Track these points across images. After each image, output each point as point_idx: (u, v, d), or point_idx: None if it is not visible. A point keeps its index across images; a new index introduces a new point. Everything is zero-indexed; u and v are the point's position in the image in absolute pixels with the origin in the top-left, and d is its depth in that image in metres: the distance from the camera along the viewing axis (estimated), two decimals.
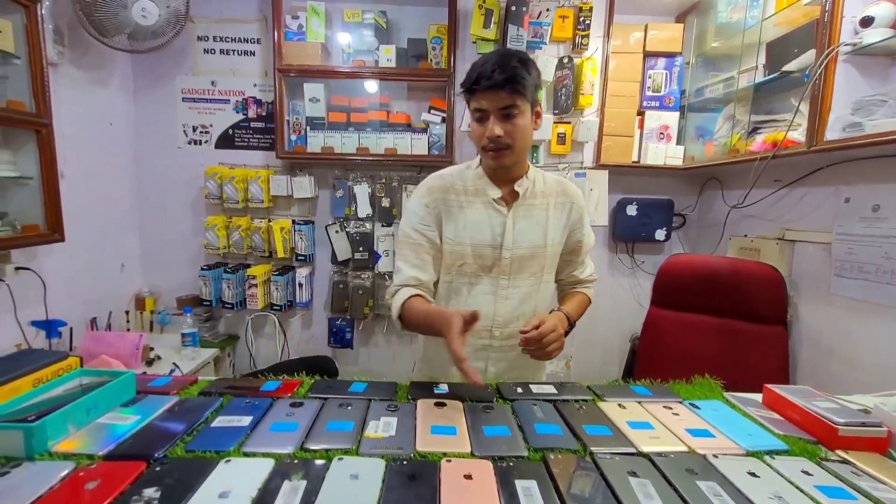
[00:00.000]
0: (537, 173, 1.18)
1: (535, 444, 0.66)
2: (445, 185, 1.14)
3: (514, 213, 1.12)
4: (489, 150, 1.04)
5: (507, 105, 1.01)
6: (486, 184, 1.13)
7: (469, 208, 1.12)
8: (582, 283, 1.27)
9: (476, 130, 1.05)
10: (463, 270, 1.13)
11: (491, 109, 1.01)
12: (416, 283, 1.10)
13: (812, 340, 1.58)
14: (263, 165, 2.29)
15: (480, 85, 0.99)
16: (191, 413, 0.74)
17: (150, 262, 2.35)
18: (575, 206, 1.18)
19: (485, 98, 1.00)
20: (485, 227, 1.11)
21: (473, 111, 1.04)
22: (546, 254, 1.14)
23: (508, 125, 1.02)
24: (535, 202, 1.14)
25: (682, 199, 2.37)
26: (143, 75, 2.25)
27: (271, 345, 2.39)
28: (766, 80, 1.66)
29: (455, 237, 1.12)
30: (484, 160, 1.10)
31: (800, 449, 0.68)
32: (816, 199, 1.58)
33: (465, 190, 1.14)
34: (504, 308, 1.12)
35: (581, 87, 2.14)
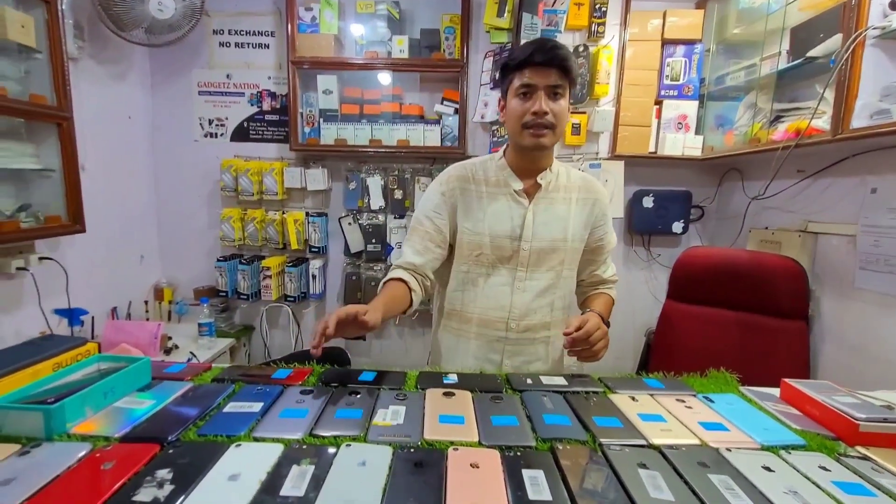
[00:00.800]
0: (561, 167, 1.16)
1: (543, 435, 0.66)
2: (466, 174, 1.14)
3: (535, 206, 1.10)
4: (531, 126, 1.02)
5: (557, 84, 1.00)
6: (508, 175, 1.11)
7: (489, 199, 1.12)
8: (605, 284, 1.24)
9: (517, 108, 1.03)
10: (480, 261, 1.12)
11: (541, 85, 1.00)
12: (411, 268, 1.09)
13: (834, 335, 1.54)
14: (278, 158, 2.31)
15: (536, 58, 0.98)
16: (204, 399, 0.75)
17: (169, 253, 2.40)
18: (598, 203, 1.16)
19: (536, 74, 0.99)
20: (505, 218, 1.10)
21: (518, 87, 1.02)
22: (566, 248, 1.12)
23: (555, 105, 1.01)
24: (558, 196, 1.13)
25: (701, 191, 2.32)
26: (161, 69, 2.28)
27: (286, 335, 2.43)
28: (790, 66, 1.60)
29: (473, 227, 1.11)
30: (521, 141, 1.06)
31: (817, 444, 0.66)
32: (841, 189, 1.53)
33: (486, 180, 1.13)
34: (521, 300, 1.11)
35: (597, 76, 2.10)
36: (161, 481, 0.53)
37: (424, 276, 1.11)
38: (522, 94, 1.02)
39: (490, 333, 1.13)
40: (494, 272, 1.12)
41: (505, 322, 1.12)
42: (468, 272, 1.13)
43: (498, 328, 1.12)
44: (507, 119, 1.08)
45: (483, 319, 1.13)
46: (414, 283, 1.08)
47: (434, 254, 1.12)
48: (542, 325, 1.14)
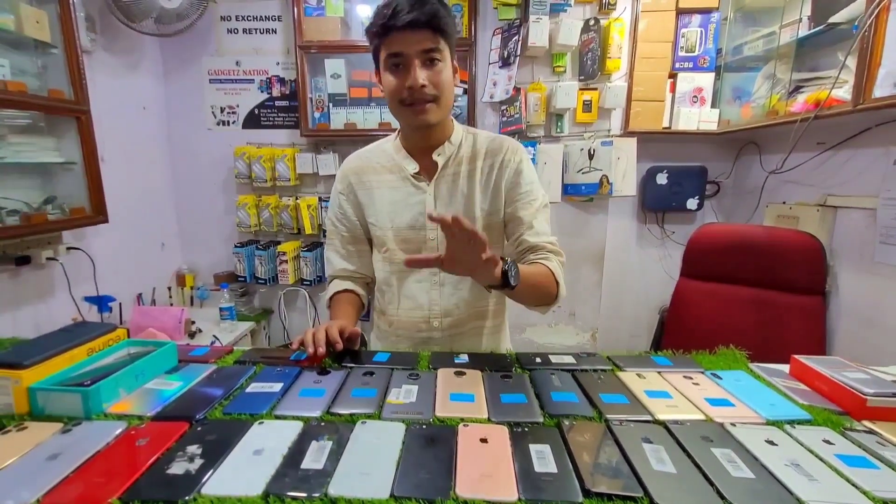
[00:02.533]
0: (467, 135, 1.02)
1: (550, 411, 0.68)
2: (361, 165, 1.03)
3: (435, 187, 0.98)
4: (410, 103, 0.89)
5: (431, 48, 0.86)
6: (402, 158, 0.99)
7: (385, 188, 1.00)
8: (536, 251, 0.96)
9: (392, 83, 0.88)
10: (389, 258, 1.02)
11: (412, 53, 0.85)
12: (347, 275, 1.05)
13: (852, 311, 1.52)
14: (289, 144, 2.34)
15: (398, 20, 0.82)
16: (228, 380, 0.79)
17: (188, 240, 2.47)
18: (506, 160, 0.98)
19: (403, 40, 0.84)
20: (404, 207, 0.98)
21: (387, 58, 0.87)
22: (479, 227, 0.95)
23: (433, 73, 0.87)
24: (462, 169, 0.99)
25: (717, 166, 2.27)
26: (172, 59, 2.30)
27: (303, 318, 2.49)
28: (811, 33, 1.55)
29: (376, 221, 1.01)
30: (403, 120, 0.94)
31: (823, 419, 0.67)
32: (862, 161, 1.49)
33: (381, 167, 1.01)
34: (440, 296, 1.01)
35: (608, 50, 2.05)
36: (192, 456, 0.57)
37: (363, 276, 1.07)
38: (393, 67, 0.87)
39: (415, 336, 1.04)
40: (406, 269, 1.00)
41: (427, 321, 1.02)
42: (381, 271, 1.05)
43: (420, 329, 1.03)
44: (386, 96, 0.92)
45: (404, 321, 1.04)
46: (359, 290, 1.06)
47: (360, 254, 1.07)
48: (470, 316, 1.03)
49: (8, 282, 1.53)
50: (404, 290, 1.03)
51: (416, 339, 1.04)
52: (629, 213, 2.35)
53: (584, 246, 2.33)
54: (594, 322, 2.41)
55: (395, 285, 1.03)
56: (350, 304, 1.04)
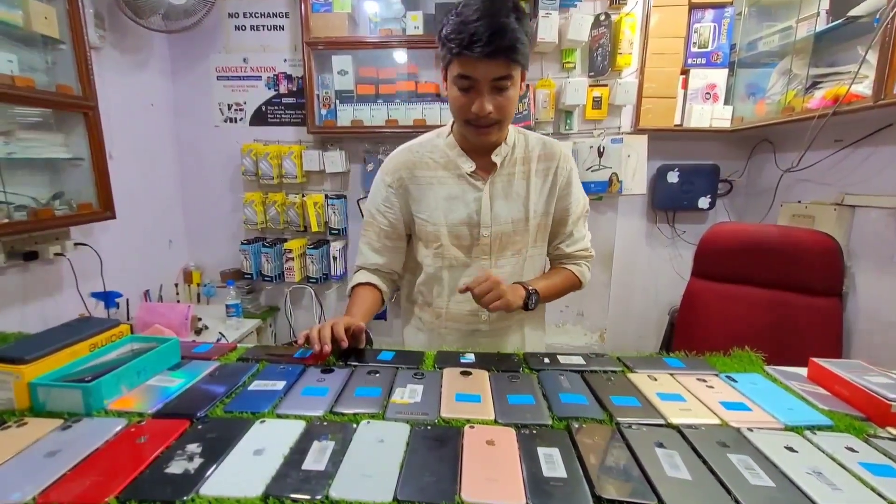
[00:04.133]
0: (519, 136, 1.04)
1: (559, 413, 0.66)
2: (413, 160, 1.03)
3: (491, 187, 1.00)
4: (474, 125, 0.91)
5: (502, 76, 0.86)
6: (458, 155, 1.00)
7: (440, 185, 1.01)
8: (570, 259, 1.10)
9: (458, 100, 0.89)
10: (441, 253, 1.03)
11: (483, 80, 0.85)
12: (374, 269, 1.05)
13: (870, 313, 1.48)
14: (296, 141, 2.33)
15: (473, 52, 0.82)
16: (230, 377, 0.78)
17: (195, 237, 2.47)
18: (560, 169, 1.04)
19: (476, 67, 0.84)
20: (459, 204, 1.00)
21: (458, 77, 0.87)
22: (531, 227, 1.03)
23: (500, 99, 0.88)
24: (515, 170, 1.02)
25: (729, 164, 2.23)
26: (180, 56, 2.31)
27: (309, 316, 2.49)
28: (829, 27, 1.50)
29: (429, 218, 1.02)
30: (463, 132, 0.97)
31: (845, 425, 0.64)
32: (883, 159, 1.44)
33: (435, 163, 1.01)
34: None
35: (619, 46, 2.02)
36: (191, 455, 0.56)
37: (391, 272, 1.07)
38: (463, 88, 0.88)
39: (463, 328, 1.06)
40: (458, 264, 1.03)
41: (476, 315, 1.05)
42: (431, 266, 1.05)
43: (470, 322, 1.06)
44: (450, 104, 0.94)
45: (454, 314, 1.06)
46: (383, 286, 1.06)
47: (394, 250, 1.07)
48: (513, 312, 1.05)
49: (16, 277, 1.54)
50: (454, 284, 1.04)
51: (463, 331, 1.07)
52: (639, 212, 2.32)
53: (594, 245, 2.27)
54: (602, 322, 2.37)
55: (446, 279, 1.05)
56: (369, 299, 1.04)
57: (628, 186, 2.10)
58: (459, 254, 1.03)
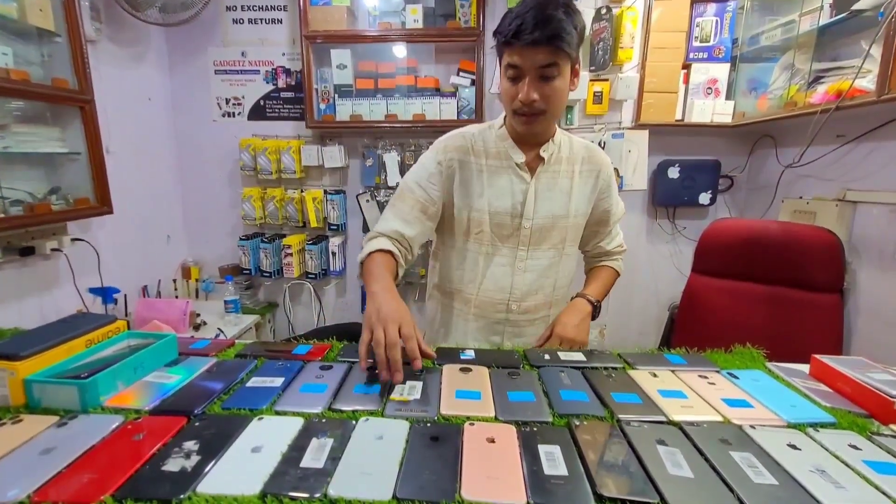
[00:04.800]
0: (564, 137, 1.08)
1: (560, 410, 0.65)
2: (466, 145, 1.05)
3: (537, 181, 1.04)
4: (521, 114, 0.95)
5: (547, 64, 0.89)
6: (509, 147, 1.04)
7: (489, 173, 1.04)
8: (609, 256, 1.20)
9: (508, 90, 0.95)
10: (479, 239, 1.05)
11: (527, 69, 0.90)
12: (398, 237, 0.99)
13: (871, 310, 1.47)
14: (294, 136, 2.31)
15: (520, 40, 0.86)
16: (228, 374, 0.77)
17: (193, 232, 2.46)
18: (602, 173, 1.10)
19: (522, 55, 0.89)
20: (506, 193, 1.03)
21: (506, 67, 0.92)
22: (569, 225, 1.07)
23: (546, 88, 0.91)
24: (560, 168, 1.05)
25: (730, 160, 2.22)
26: (177, 50, 2.29)
27: (308, 312, 2.48)
28: (833, 21, 1.49)
29: (474, 204, 1.04)
30: (512, 123, 1.01)
31: (848, 422, 0.64)
32: (885, 154, 1.43)
33: (486, 152, 1.05)
34: (522, 281, 1.06)
35: (620, 40, 2.00)
36: (188, 452, 0.55)
37: (409, 249, 1.01)
38: (511, 77, 0.93)
39: (491, 315, 1.09)
40: (494, 252, 1.06)
41: (506, 304, 1.07)
42: (467, 251, 1.07)
43: (499, 310, 1.08)
44: (502, 97, 1.00)
45: (483, 301, 1.09)
46: (400, 258, 0.97)
47: (425, 226, 1.03)
48: (543, 304, 1.11)
49: (12, 272, 1.53)
50: (488, 271, 1.07)
51: (491, 319, 1.09)
52: (639, 208, 2.31)
53: None
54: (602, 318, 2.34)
55: (481, 266, 1.07)
56: (391, 270, 0.94)
57: (629, 182, 2.09)
58: (498, 242, 1.05)
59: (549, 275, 1.08)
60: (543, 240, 1.06)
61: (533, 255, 1.06)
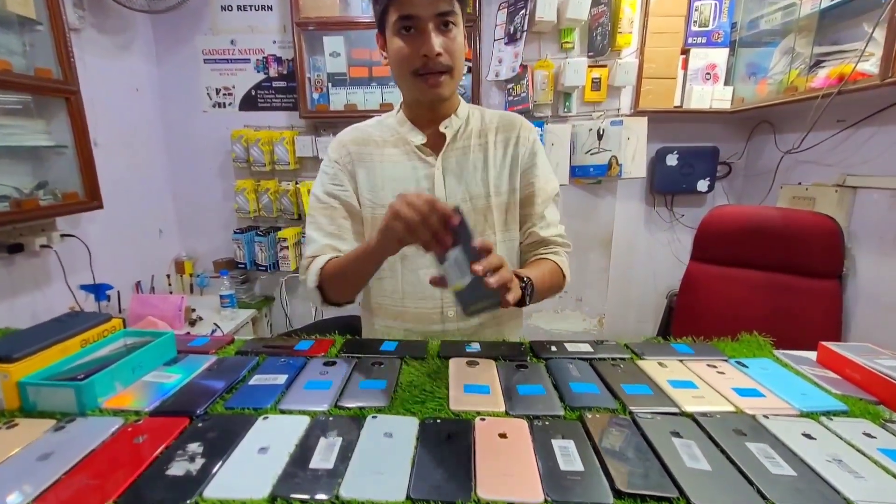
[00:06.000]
0: (473, 110, 0.96)
1: (571, 403, 0.64)
2: (361, 136, 0.95)
3: (443, 161, 0.91)
4: (424, 73, 0.82)
5: (447, 10, 0.78)
6: (408, 130, 0.92)
7: (388, 162, 0.92)
8: (546, 245, 0.96)
9: (403, 50, 0.81)
10: None
11: (426, 16, 0.78)
12: (335, 254, 0.92)
13: (870, 295, 1.48)
14: (287, 126, 2.27)
15: None
16: (229, 372, 0.75)
17: (186, 226, 2.42)
18: (522, 138, 0.94)
19: (418, 3, 0.77)
20: (408, 182, 0.91)
21: (398, 21, 0.79)
22: (492, 205, 0.92)
23: (448, 39, 0.80)
24: (472, 143, 0.93)
25: (729, 147, 2.21)
26: (164, 38, 2.22)
27: (305, 306, 2.46)
28: (834, 4, 1.47)
29: (375, 198, 0.92)
30: (413, 92, 0.87)
31: (860, 410, 0.63)
32: (886, 139, 1.43)
33: (383, 140, 0.94)
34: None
35: (619, 25, 1.97)
36: (192, 455, 0.54)
37: None
38: (404, 31, 0.80)
39: (425, 329, 0.94)
40: (413, 252, 0.90)
41: (440, 312, 0.93)
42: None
43: (433, 321, 0.94)
44: (392, 65, 0.85)
45: (412, 314, 0.95)
46: None
47: (351, 232, 0.94)
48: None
49: (1, 271, 1.49)
50: (411, 275, 0.94)
51: (429, 333, 0.95)
52: (638, 196, 2.30)
53: (592, 230, 2.27)
54: (601, 307, 2.37)
55: (399, 272, 0.94)
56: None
57: (628, 170, 2.08)
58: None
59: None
60: None
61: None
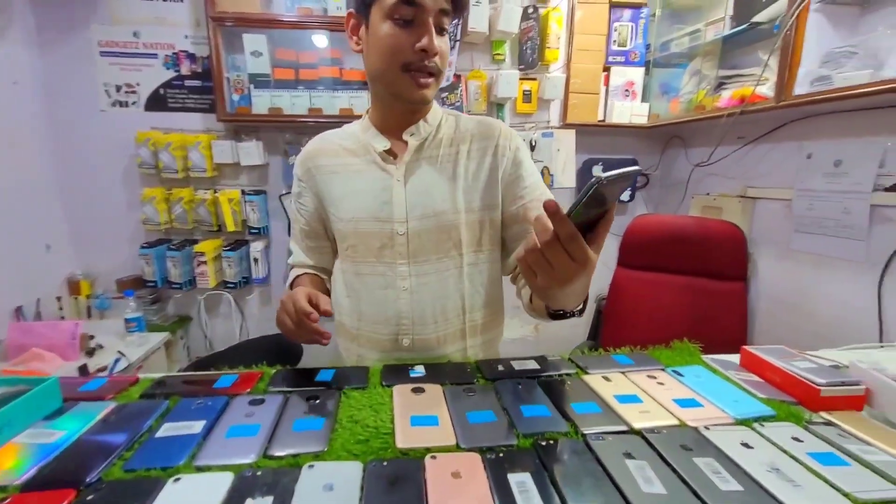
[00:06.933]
0: (447, 116, 0.89)
1: (523, 430, 0.62)
2: (320, 147, 0.91)
3: (406, 171, 0.83)
4: (418, 69, 0.75)
5: (447, 10, 0.74)
6: (372, 136, 0.85)
7: (347, 172, 0.86)
8: None
9: (397, 38, 0.73)
10: (352, 255, 0.86)
11: (431, 8, 0.72)
12: (307, 267, 0.97)
13: (771, 295, 1.64)
14: (203, 130, 2.07)
15: None
16: (131, 421, 0.64)
17: (82, 241, 2.11)
18: (500, 147, 0.85)
19: None
20: (367, 194, 0.83)
21: (397, 5, 0.71)
22: (460, 223, 0.83)
23: (442, 44, 0.75)
24: (441, 153, 0.84)
25: (646, 159, 2.37)
26: (50, 26, 1.93)
27: (228, 324, 2.25)
28: (734, 32, 1.62)
29: (336, 212, 0.87)
30: (396, 88, 0.78)
31: (785, 413, 0.68)
32: (779, 155, 1.60)
33: (344, 150, 0.88)
34: (410, 307, 0.83)
35: (547, 40, 2.04)
36: None
37: (324, 268, 0.98)
38: (404, 21, 0.72)
39: (381, 356, 0.86)
40: (370, 270, 0.84)
41: (395, 338, 0.84)
42: (343, 272, 0.89)
43: (385, 347, 0.85)
44: (374, 53, 0.76)
45: (368, 336, 0.87)
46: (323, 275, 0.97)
47: (318, 251, 0.96)
48: (452, 335, 0.87)
49: None
50: (367, 296, 0.86)
51: (382, 361, 0.85)
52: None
53: None
54: None
55: (357, 289, 0.87)
56: (313, 284, 0.94)
57: (559, 180, 2.15)
58: (371, 257, 0.84)
59: (450, 294, 0.84)
60: (429, 248, 0.82)
61: (418, 269, 0.83)
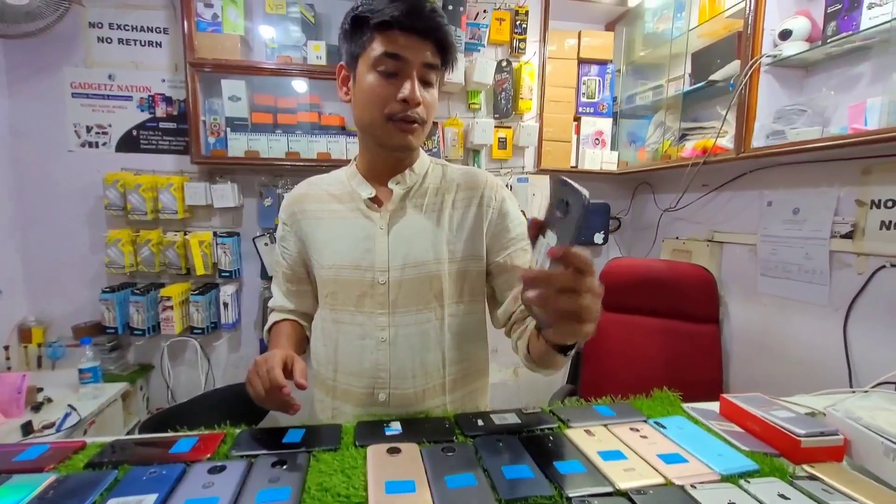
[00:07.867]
0: (434, 165, 0.90)
1: (505, 496, 0.58)
2: (306, 192, 0.91)
3: (390, 220, 0.83)
4: (401, 119, 0.75)
5: (433, 64, 0.75)
6: (357, 183, 0.85)
7: (331, 219, 0.86)
8: None
9: (380, 88, 0.74)
10: (332, 304, 0.85)
11: (415, 62, 0.73)
12: (287, 312, 0.97)
13: (742, 337, 1.67)
14: (176, 171, 2.03)
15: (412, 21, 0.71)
16: (73, 496, 0.57)
17: (37, 285, 2.00)
18: (486, 198, 0.85)
19: (408, 43, 0.72)
20: (349, 241, 0.83)
21: (381, 58, 0.72)
22: (443, 273, 0.82)
23: (427, 95, 0.76)
24: (426, 202, 0.85)
25: (618, 203, 2.45)
26: (20, 66, 1.91)
27: (193, 373, 2.13)
28: (693, 88, 1.74)
29: (319, 259, 0.86)
30: (380, 137, 0.79)
31: (769, 467, 0.66)
32: (742, 202, 1.68)
33: (330, 196, 0.88)
34: (388, 360, 0.81)
35: (520, 91, 2.13)
36: None
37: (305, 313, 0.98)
38: (388, 72, 0.73)
39: (356, 412, 0.84)
40: (350, 320, 0.83)
41: (371, 392, 0.82)
42: (322, 320, 0.89)
43: (362, 402, 0.83)
44: (361, 103, 0.77)
45: (343, 389, 0.85)
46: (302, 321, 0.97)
47: (299, 295, 0.96)
48: (431, 390, 0.85)
49: None
50: (346, 346, 0.84)
51: (357, 416, 0.83)
52: None
53: None
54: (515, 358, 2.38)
55: (334, 338, 0.85)
56: (290, 335, 0.92)
57: None
58: (351, 306, 0.83)
59: (430, 347, 0.83)
60: (411, 299, 0.81)
61: (398, 321, 0.82)
